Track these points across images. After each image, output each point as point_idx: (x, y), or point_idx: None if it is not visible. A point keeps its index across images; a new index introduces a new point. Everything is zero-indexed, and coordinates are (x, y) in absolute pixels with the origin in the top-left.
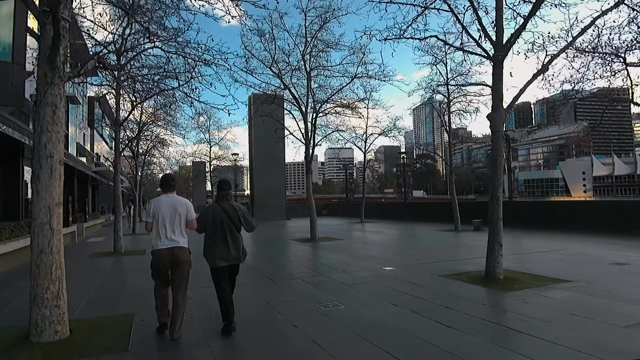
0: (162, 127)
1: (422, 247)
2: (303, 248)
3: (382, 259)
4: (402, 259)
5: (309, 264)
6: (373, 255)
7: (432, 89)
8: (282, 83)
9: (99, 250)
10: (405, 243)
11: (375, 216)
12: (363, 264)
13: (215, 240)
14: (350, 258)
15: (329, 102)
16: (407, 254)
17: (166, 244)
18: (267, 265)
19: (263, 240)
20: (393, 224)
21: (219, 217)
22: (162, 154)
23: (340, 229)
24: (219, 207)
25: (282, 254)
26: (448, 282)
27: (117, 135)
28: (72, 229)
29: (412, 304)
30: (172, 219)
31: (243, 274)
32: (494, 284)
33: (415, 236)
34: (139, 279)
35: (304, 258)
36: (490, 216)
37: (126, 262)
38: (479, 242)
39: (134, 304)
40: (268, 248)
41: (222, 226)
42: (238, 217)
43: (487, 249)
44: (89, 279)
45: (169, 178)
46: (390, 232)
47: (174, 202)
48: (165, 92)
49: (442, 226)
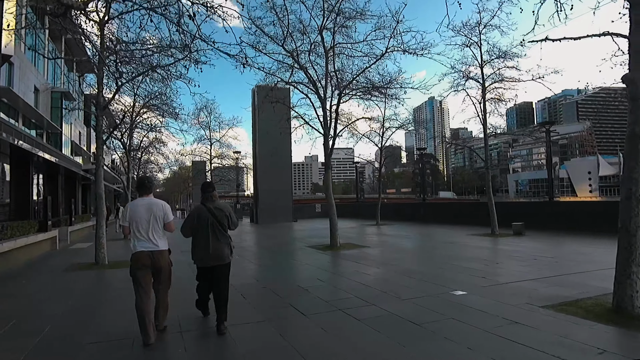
0: (156, 114)
1: (474, 257)
2: (326, 259)
3: (436, 277)
4: (465, 277)
5: (343, 283)
6: (419, 270)
7: (465, 74)
8: (296, 63)
9: (78, 262)
10: (447, 252)
11: (390, 218)
12: (416, 285)
13: (201, 241)
14: (393, 274)
15: (355, 83)
16: (463, 268)
17: (145, 246)
18: (289, 286)
19: (275, 248)
20: (414, 227)
21: (204, 218)
22: (159, 151)
23: (357, 233)
24: (204, 208)
25: (304, 268)
26: (562, 319)
27: (99, 120)
28: (51, 234)
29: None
30: (149, 222)
31: (261, 302)
32: (634, 325)
33: (451, 242)
34: (120, 304)
35: (333, 274)
36: (623, 222)
37: (107, 279)
38: (539, 250)
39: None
40: (283, 259)
41: (207, 227)
42: (224, 215)
43: (617, 270)
44: (50, 306)
45: (144, 180)
46: (417, 236)
47: (150, 204)
48: (157, 70)
49: (471, 230)
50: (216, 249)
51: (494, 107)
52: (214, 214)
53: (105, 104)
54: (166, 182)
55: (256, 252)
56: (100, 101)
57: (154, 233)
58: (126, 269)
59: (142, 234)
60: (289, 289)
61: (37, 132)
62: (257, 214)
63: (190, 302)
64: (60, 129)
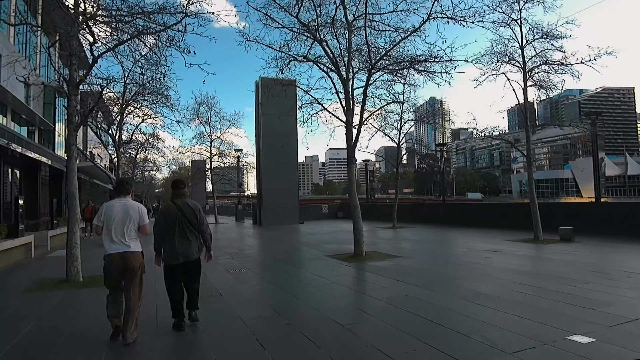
0: (150, 103)
1: (548, 274)
2: (355, 274)
3: (526, 307)
4: (566, 308)
5: (397, 317)
6: (492, 294)
7: (506, 55)
8: (313, 36)
9: (46, 276)
10: (504, 264)
11: (404, 219)
12: (508, 322)
13: (168, 237)
14: (461, 302)
15: (388, 57)
16: (549, 291)
17: (117, 248)
18: (323, 323)
19: (288, 257)
20: (436, 230)
21: (173, 214)
22: (154, 146)
23: (378, 238)
24: (173, 205)
25: (333, 289)
26: None
27: (71, 100)
28: (24, 240)
29: None
30: (124, 223)
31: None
32: None
33: (496, 250)
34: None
35: (374, 299)
36: None
37: (77, 304)
38: (615, 263)
39: None
40: (302, 274)
41: (175, 223)
42: (192, 212)
43: None
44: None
45: (123, 182)
46: (447, 242)
47: (126, 206)
48: (143, 37)
49: (502, 234)
50: (184, 246)
51: (537, 95)
52: (182, 210)
53: (79, 80)
54: (165, 183)
55: (265, 263)
56: (73, 77)
57: (127, 235)
58: (101, 289)
59: (115, 235)
60: (323, 327)
61: (30, 129)
62: (261, 215)
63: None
64: (52, 125)
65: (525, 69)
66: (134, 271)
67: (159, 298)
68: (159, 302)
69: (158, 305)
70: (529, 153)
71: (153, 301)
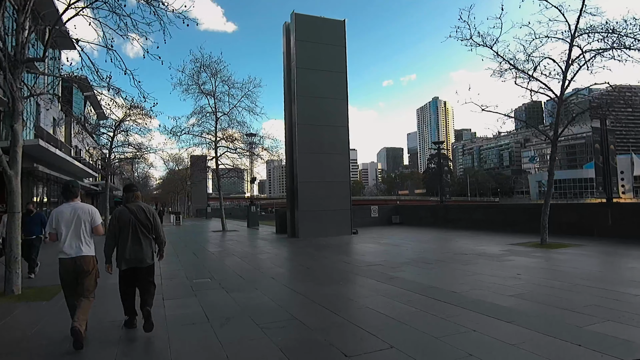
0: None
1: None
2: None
3: None
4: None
5: None
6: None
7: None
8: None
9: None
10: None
11: (411, 223)
12: None
13: (122, 242)
14: None
15: None
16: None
17: (70, 253)
18: None
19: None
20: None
21: (126, 219)
22: (140, 125)
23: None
24: (125, 210)
25: None
26: None
27: (6, 73)
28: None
29: None
30: (76, 227)
31: None
32: None
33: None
34: None
35: None
36: None
37: (5, 329)
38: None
39: None
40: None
41: (129, 228)
42: (146, 217)
43: None
44: None
45: (69, 185)
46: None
47: (76, 209)
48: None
49: (501, 237)
50: (136, 251)
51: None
52: (136, 215)
53: (22, 44)
54: (162, 183)
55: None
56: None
57: (79, 239)
58: (43, 304)
59: (67, 239)
60: None
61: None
62: (296, 221)
63: None
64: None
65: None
66: (88, 274)
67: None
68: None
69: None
70: (554, 149)
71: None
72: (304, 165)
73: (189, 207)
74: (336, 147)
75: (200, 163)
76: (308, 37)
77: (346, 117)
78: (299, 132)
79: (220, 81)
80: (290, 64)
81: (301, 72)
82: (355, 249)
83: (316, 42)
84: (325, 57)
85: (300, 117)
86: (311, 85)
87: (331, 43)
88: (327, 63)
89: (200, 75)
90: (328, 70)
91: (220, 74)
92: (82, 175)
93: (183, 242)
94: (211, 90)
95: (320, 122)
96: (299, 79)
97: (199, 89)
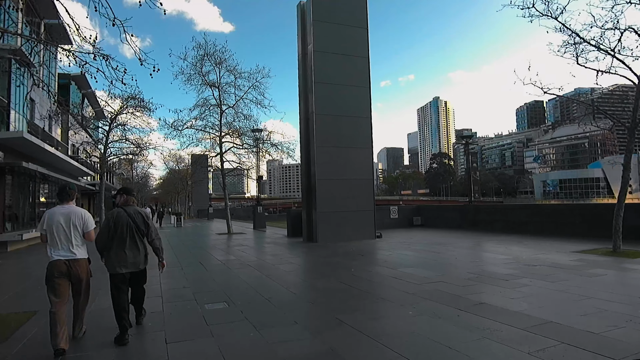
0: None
1: None
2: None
3: None
4: None
5: None
6: None
7: None
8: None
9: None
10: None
11: (434, 225)
12: None
13: (115, 245)
14: None
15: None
16: None
17: (62, 255)
18: None
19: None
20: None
21: (123, 221)
22: (138, 117)
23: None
24: (123, 212)
25: None
26: None
27: None
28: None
29: None
30: (67, 230)
31: None
32: None
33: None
34: None
35: None
36: None
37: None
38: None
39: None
40: None
41: (124, 231)
42: (143, 221)
43: None
44: None
45: (66, 187)
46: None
47: (69, 212)
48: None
49: (562, 243)
50: (134, 255)
51: None
52: (133, 218)
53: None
54: (162, 183)
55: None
56: None
57: (71, 242)
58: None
59: (59, 242)
60: None
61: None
62: (313, 223)
63: None
64: (6, 100)
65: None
66: (81, 279)
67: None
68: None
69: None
70: (632, 139)
71: None
72: (323, 160)
73: (190, 207)
74: (358, 141)
75: (201, 161)
76: (326, 17)
77: (369, 107)
78: (317, 124)
79: (225, 71)
80: (306, 47)
81: (319, 57)
82: (392, 258)
83: (335, 22)
84: (345, 40)
85: (319, 106)
86: (330, 71)
87: (352, 24)
88: (347, 46)
89: (204, 64)
90: (348, 55)
91: (225, 63)
92: (77, 174)
93: (186, 247)
94: (215, 80)
95: (341, 112)
96: (316, 64)
97: (202, 80)
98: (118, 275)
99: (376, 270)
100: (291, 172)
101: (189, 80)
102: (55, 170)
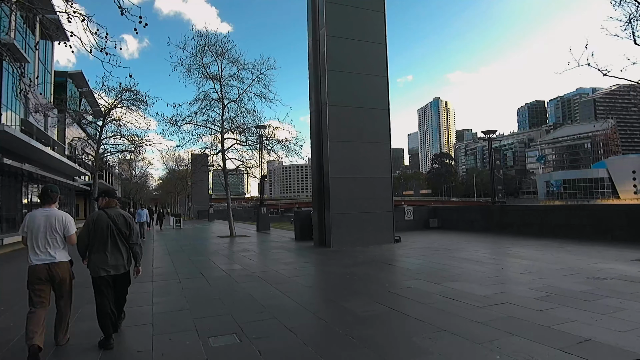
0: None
1: None
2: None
3: None
4: None
5: None
6: None
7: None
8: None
9: None
10: None
11: (453, 227)
12: None
13: (95, 248)
14: None
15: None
16: None
17: (43, 259)
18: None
19: None
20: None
21: (104, 224)
22: (136, 112)
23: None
24: (104, 214)
25: None
26: None
27: None
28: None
29: None
30: (49, 234)
31: None
32: None
33: None
34: None
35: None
36: None
37: None
38: None
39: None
40: None
41: (106, 233)
42: (125, 223)
43: None
44: None
45: (48, 190)
46: None
47: (50, 216)
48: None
49: (618, 250)
50: (115, 258)
51: None
52: (114, 220)
53: None
54: (162, 183)
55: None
56: None
57: (51, 245)
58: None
59: (39, 246)
60: None
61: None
62: (326, 226)
63: None
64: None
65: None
66: (63, 282)
67: None
68: None
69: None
70: None
71: None
72: (337, 156)
73: (190, 208)
74: (376, 135)
75: (201, 160)
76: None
77: (386, 98)
78: (330, 116)
79: (228, 62)
80: (318, 32)
81: (332, 42)
82: (426, 268)
83: (349, 5)
84: (361, 24)
85: (332, 96)
86: (344, 58)
87: (367, 7)
88: (362, 31)
89: (205, 55)
90: (364, 41)
91: (227, 54)
92: (71, 173)
93: (185, 253)
94: (217, 73)
95: (356, 103)
96: (329, 49)
97: (203, 73)
98: (100, 279)
99: (416, 285)
100: (291, 172)
101: (189, 71)
102: (47, 169)
